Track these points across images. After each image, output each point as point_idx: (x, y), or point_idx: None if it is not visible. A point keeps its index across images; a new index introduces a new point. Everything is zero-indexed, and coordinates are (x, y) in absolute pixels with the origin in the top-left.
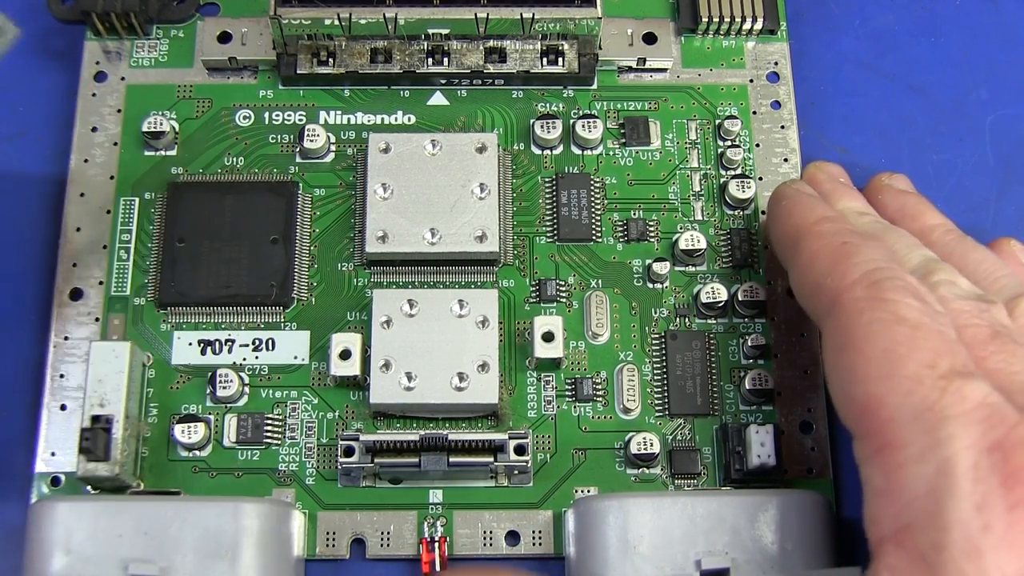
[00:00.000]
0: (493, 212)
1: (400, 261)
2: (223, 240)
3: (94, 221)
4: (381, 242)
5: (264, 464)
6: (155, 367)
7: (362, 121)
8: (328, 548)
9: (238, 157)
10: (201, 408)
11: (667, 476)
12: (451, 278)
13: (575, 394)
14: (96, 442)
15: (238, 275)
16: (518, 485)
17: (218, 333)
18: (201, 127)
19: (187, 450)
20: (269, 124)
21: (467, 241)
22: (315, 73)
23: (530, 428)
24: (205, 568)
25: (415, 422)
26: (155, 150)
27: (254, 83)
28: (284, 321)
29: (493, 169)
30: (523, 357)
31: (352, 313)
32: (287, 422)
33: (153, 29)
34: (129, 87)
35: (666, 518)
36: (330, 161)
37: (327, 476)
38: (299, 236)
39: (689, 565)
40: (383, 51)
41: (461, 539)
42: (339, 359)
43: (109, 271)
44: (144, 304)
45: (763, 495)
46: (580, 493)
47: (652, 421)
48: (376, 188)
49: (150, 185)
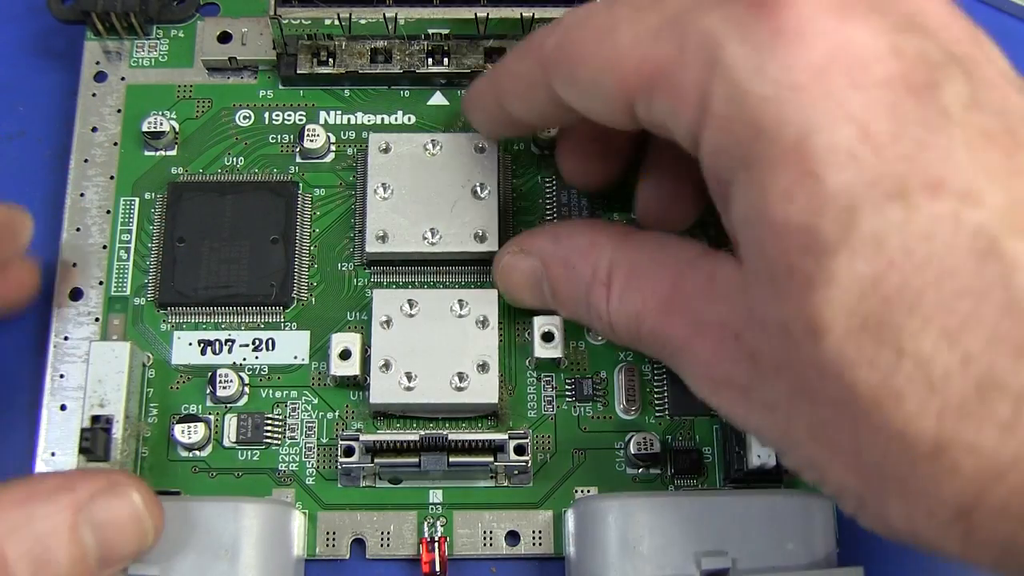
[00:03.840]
0: (493, 212)
1: (400, 261)
2: (223, 240)
3: (94, 221)
4: (381, 242)
5: (264, 464)
6: (155, 367)
7: (362, 121)
8: (328, 548)
9: (238, 157)
10: (201, 408)
11: (667, 476)
12: (451, 278)
13: (575, 394)
14: (96, 442)
15: (238, 275)
16: (518, 485)
17: (218, 333)
18: (201, 127)
19: (187, 450)
20: (269, 124)
21: (467, 241)
22: (315, 73)
23: (530, 428)
24: (205, 568)
25: (415, 422)
26: (155, 150)
27: (254, 83)
28: (284, 321)
29: (493, 169)
30: (523, 357)
31: (352, 313)
32: (287, 422)
33: (153, 29)
34: (129, 87)
35: (666, 518)
36: (330, 161)
37: (327, 476)
38: (299, 236)
39: (689, 565)
40: (383, 51)
41: (461, 539)
42: (339, 359)
43: (109, 271)
44: (144, 304)
45: (763, 495)
46: (580, 493)
47: (652, 421)
48: (376, 188)
49: (150, 185)
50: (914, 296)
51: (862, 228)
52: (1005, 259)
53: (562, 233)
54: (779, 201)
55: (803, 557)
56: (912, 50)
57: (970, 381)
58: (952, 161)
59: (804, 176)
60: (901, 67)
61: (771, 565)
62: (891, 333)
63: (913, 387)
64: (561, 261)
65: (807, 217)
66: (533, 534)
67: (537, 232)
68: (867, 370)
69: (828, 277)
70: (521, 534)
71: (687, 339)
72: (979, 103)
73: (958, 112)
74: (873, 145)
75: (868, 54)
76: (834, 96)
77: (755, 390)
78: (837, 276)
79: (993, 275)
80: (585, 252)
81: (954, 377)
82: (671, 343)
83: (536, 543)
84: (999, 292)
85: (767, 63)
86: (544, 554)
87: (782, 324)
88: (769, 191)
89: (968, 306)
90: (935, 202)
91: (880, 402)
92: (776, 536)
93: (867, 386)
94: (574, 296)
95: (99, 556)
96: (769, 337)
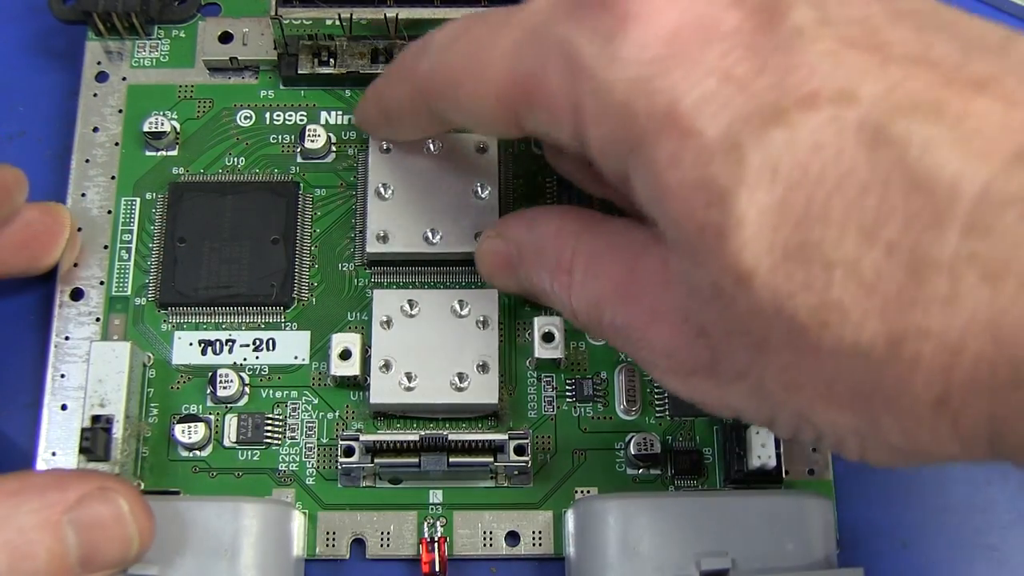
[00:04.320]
0: (494, 212)
1: (401, 261)
2: (224, 240)
3: (95, 221)
4: (382, 242)
5: (264, 464)
6: (156, 367)
7: None
8: (328, 548)
9: (239, 157)
10: (201, 408)
11: (667, 477)
12: (451, 278)
13: (575, 394)
14: (96, 442)
15: (239, 275)
16: (518, 485)
17: (219, 333)
18: (202, 127)
19: (187, 450)
20: (270, 124)
21: (468, 241)
22: (316, 73)
23: (530, 428)
24: (205, 568)
25: (415, 422)
26: (156, 150)
27: (255, 83)
28: (284, 321)
29: (493, 169)
30: (523, 357)
31: (352, 313)
32: (287, 422)
33: (154, 29)
34: (130, 87)
35: (666, 519)
36: (331, 161)
37: (327, 476)
38: (300, 236)
39: (689, 566)
40: (384, 51)
41: (461, 539)
42: (339, 359)
43: (110, 271)
44: (145, 304)
45: (764, 496)
46: (580, 493)
47: (652, 421)
48: (377, 188)
49: (151, 185)
50: (822, 207)
51: (751, 161)
52: (895, 142)
53: (538, 219)
54: (669, 168)
55: (803, 558)
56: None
57: (901, 268)
58: (819, 71)
59: (684, 136)
60: (745, 11)
61: (771, 566)
62: (813, 250)
63: (850, 295)
64: (533, 248)
65: (698, 172)
66: (533, 534)
67: (516, 217)
68: (803, 294)
69: (737, 220)
70: (521, 534)
71: (645, 327)
72: (831, 19)
73: (812, 28)
74: (739, 85)
75: (711, 11)
76: (690, 56)
77: (719, 365)
78: (744, 216)
79: (888, 160)
80: (553, 239)
81: (884, 270)
82: (631, 333)
83: (536, 543)
84: (898, 174)
85: (619, 49)
86: (544, 554)
87: (714, 285)
88: (657, 162)
89: (875, 198)
90: (812, 113)
91: (826, 321)
92: (776, 537)
93: (808, 310)
94: (543, 285)
95: (80, 557)
96: (708, 304)
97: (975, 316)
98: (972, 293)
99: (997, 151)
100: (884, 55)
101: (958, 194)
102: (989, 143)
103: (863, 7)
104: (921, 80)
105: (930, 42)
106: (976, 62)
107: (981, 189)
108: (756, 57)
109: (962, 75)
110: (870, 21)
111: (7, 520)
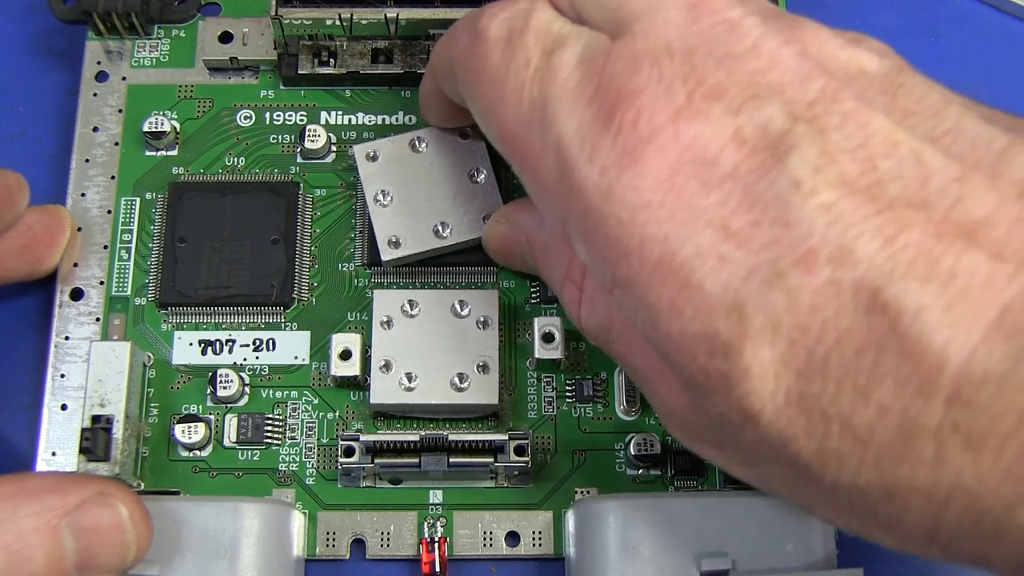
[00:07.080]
0: (495, 191)
1: (419, 262)
2: (224, 240)
3: (95, 221)
4: (395, 248)
5: (264, 464)
6: (156, 367)
7: (363, 122)
8: (328, 548)
9: (239, 157)
10: (201, 408)
11: (667, 477)
12: (452, 278)
13: (575, 395)
14: (96, 442)
15: (239, 275)
16: (518, 486)
17: (219, 333)
18: (202, 127)
19: (187, 450)
20: (270, 124)
21: (478, 226)
22: (316, 73)
23: (530, 429)
24: (204, 568)
25: (415, 422)
26: (156, 150)
27: (255, 83)
28: (285, 321)
29: (483, 151)
30: (524, 358)
31: (352, 313)
32: (287, 422)
33: (154, 29)
34: (130, 87)
35: (666, 519)
36: (331, 161)
37: (327, 476)
38: (300, 236)
39: (689, 566)
40: (384, 51)
41: (461, 540)
42: (339, 359)
43: (110, 271)
44: (145, 304)
45: (764, 496)
46: (580, 494)
47: (652, 422)
48: (376, 196)
49: (151, 185)
50: (821, 364)
51: (754, 321)
52: (889, 308)
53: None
54: (669, 317)
55: (803, 558)
56: (753, 128)
57: (892, 429)
58: (815, 229)
59: (682, 288)
60: (745, 152)
61: (771, 566)
62: (812, 402)
63: (847, 446)
64: (542, 247)
65: (701, 324)
66: (533, 535)
67: (526, 207)
68: (804, 439)
69: (743, 371)
70: (521, 535)
71: (656, 378)
72: (830, 154)
73: (808, 177)
74: (737, 241)
75: (711, 149)
76: (687, 204)
77: (724, 451)
78: (749, 367)
79: (882, 326)
80: (560, 240)
81: (877, 428)
82: (639, 376)
83: (536, 544)
84: (892, 340)
85: (615, 186)
86: (544, 555)
87: (720, 415)
88: (655, 309)
89: (869, 360)
90: (810, 276)
91: (825, 464)
92: (776, 537)
93: (810, 453)
94: (552, 283)
95: (77, 562)
96: (714, 423)
97: (959, 479)
98: (956, 459)
99: (981, 317)
100: (880, 203)
101: (944, 364)
102: (975, 306)
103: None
104: (916, 231)
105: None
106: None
107: (965, 360)
108: (753, 209)
109: (955, 219)
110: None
111: (6, 523)
